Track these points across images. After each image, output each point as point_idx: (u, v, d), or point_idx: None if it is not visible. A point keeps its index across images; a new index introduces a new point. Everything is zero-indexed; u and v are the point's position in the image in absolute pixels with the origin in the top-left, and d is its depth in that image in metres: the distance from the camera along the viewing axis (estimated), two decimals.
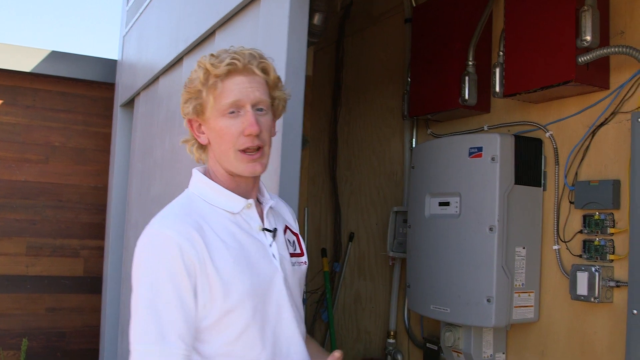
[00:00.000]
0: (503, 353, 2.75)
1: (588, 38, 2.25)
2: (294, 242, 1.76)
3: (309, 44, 3.18)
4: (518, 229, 2.55)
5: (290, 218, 1.85)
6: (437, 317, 2.75)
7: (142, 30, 4.49)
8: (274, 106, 1.70)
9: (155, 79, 4.06)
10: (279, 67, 2.26)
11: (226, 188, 1.63)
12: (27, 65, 5.12)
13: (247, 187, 1.65)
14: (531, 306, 2.58)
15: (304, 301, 4.06)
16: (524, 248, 2.56)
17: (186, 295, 1.46)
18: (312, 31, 3.11)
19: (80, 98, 5.41)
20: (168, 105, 3.69)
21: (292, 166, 2.28)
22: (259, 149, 1.59)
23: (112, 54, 5.45)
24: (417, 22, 3.17)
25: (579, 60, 2.28)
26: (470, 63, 2.81)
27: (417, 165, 2.92)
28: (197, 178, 1.66)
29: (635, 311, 2.12)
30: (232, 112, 1.57)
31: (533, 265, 2.59)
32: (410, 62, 3.22)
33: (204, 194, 1.63)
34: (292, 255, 1.70)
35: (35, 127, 5.28)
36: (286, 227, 1.76)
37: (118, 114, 5.11)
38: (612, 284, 2.30)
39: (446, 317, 2.68)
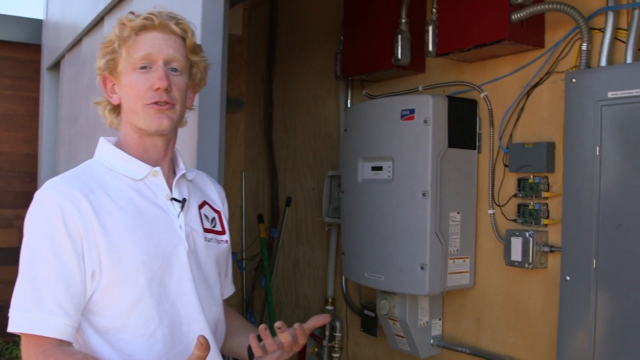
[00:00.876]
0: (439, 319, 2.70)
1: None
2: (213, 219, 1.67)
3: (237, 1, 3.02)
4: (452, 194, 2.47)
5: (214, 196, 1.75)
6: (371, 285, 2.68)
7: None
8: (192, 73, 1.64)
9: (79, 40, 3.84)
10: (195, 26, 2.11)
11: (135, 154, 1.56)
12: None
13: (157, 154, 1.57)
14: (466, 272, 2.53)
15: (243, 269, 3.98)
16: (458, 213, 2.49)
17: (68, 260, 1.38)
18: None
19: (7, 61, 5.12)
20: (92, 68, 3.47)
21: (212, 135, 2.13)
22: (169, 104, 1.52)
23: (39, 14, 5.14)
24: None
25: (512, 17, 2.18)
26: (404, 21, 2.69)
27: (349, 129, 2.81)
28: (102, 145, 1.59)
29: (568, 277, 2.06)
30: (144, 68, 1.51)
31: (468, 231, 2.52)
32: (342, 20, 3.08)
33: (107, 161, 1.56)
34: (208, 230, 1.62)
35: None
36: (204, 202, 1.67)
37: (45, 77, 4.86)
38: (547, 249, 2.25)
39: (380, 285, 2.61)
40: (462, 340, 2.61)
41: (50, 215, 1.39)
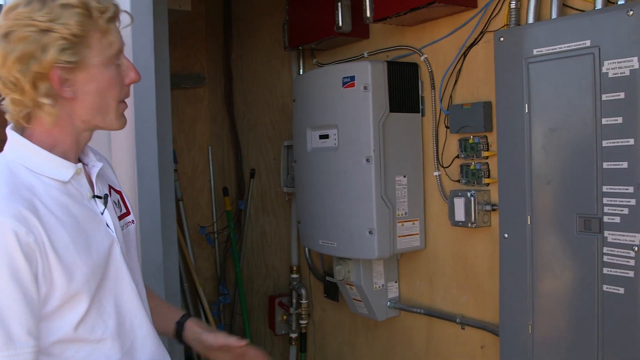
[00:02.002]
0: (395, 282, 2.74)
1: None
2: (118, 201, 1.59)
3: None
4: (397, 158, 2.49)
5: (110, 173, 1.65)
6: (325, 252, 2.72)
7: None
8: None
9: None
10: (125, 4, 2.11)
11: (64, 153, 1.40)
12: None
13: (79, 150, 1.45)
14: (416, 234, 2.56)
15: (211, 242, 4.02)
16: (404, 177, 2.51)
17: (29, 287, 1.26)
18: None
19: None
20: None
21: (148, 116, 2.14)
22: None
23: None
24: None
25: None
26: None
27: (297, 99, 2.82)
28: (16, 141, 1.38)
29: (506, 235, 2.10)
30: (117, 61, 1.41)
31: (415, 194, 2.55)
32: None
33: (26, 161, 1.36)
34: (120, 217, 1.55)
35: None
36: (110, 187, 1.57)
37: None
38: (488, 207, 2.28)
39: (334, 252, 2.65)
40: (418, 302, 2.66)
41: (8, 246, 1.24)
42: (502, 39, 2.06)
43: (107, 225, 1.45)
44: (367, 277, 2.65)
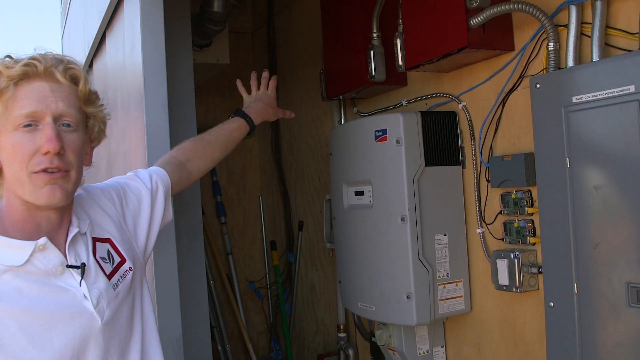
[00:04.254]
0: (442, 346, 2.53)
1: None
2: (108, 252, 1.44)
3: (213, 32, 2.98)
4: (436, 215, 2.30)
5: (101, 212, 1.50)
6: (365, 315, 2.55)
7: (69, 31, 4.30)
8: (89, 127, 1.41)
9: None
10: (136, 65, 2.06)
11: (21, 227, 1.31)
12: None
13: (50, 227, 1.34)
14: (460, 297, 2.35)
15: (261, 297, 3.90)
16: (445, 235, 2.32)
17: None
18: (213, 19, 2.87)
19: None
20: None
21: None
22: (62, 171, 1.29)
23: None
24: None
25: (471, 23, 2.00)
26: (375, 35, 2.55)
27: (333, 152, 2.68)
28: None
29: (552, 304, 1.87)
30: (29, 126, 1.27)
31: (458, 253, 2.35)
32: (323, 39, 2.95)
33: None
34: (111, 274, 1.41)
35: None
36: (94, 241, 1.43)
37: None
38: (535, 270, 2.06)
39: (372, 316, 2.47)
40: None
41: None
42: (538, 85, 1.87)
43: (85, 296, 1.32)
44: (409, 342, 2.45)
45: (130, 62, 2.22)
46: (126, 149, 2.32)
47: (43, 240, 1.31)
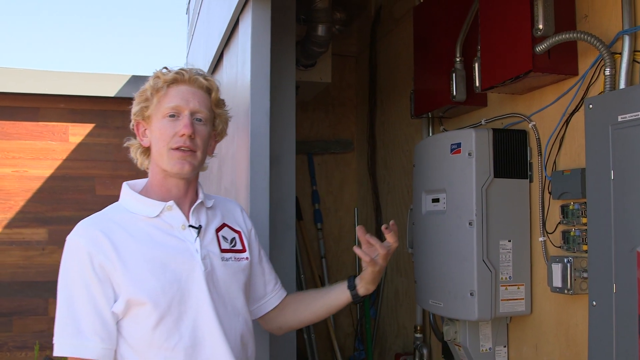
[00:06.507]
0: (504, 346, 2.74)
1: (540, 27, 2.22)
2: (233, 239, 1.89)
3: (317, 54, 3.34)
4: (501, 222, 2.54)
5: (239, 218, 1.97)
6: (434, 311, 2.80)
7: (194, 50, 4.81)
8: (215, 124, 1.88)
9: None
10: (246, 79, 2.44)
11: (158, 192, 1.78)
12: (112, 90, 5.59)
13: (178, 193, 1.80)
14: (521, 299, 2.56)
15: None
16: (509, 241, 2.55)
17: (98, 295, 1.63)
18: (317, 42, 3.25)
19: None
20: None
21: (261, 178, 2.40)
22: (191, 151, 1.75)
23: None
24: (417, 21, 3.21)
25: (537, 49, 2.25)
26: (458, 59, 2.82)
27: (416, 164, 2.97)
28: (124, 190, 1.83)
29: (594, 303, 2.07)
30: (172, 116, 1.74)
31: (521, 258, 2.57)
32: (414, 62, 3.27)
33: (127, 204, 1.78)
34: (226, 250, 1.84)
35: (125, 146, 5.74)
36: (223, 225, 1.89)
37: None
38: (585, 275, 2.25)
39: (440, 311, 2.72)
40: None
41: (80, 258, 1.64)
42: (591, 106, 2.09)
43: (197, 250, 1.75)
44: (473, 339, 2.69)
45: (241, 77, 2.61)
46: (234, 151, 2.71)
47: (170, 202, 1.78)
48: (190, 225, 1.79)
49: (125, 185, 1.83)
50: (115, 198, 1.83)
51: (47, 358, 4.83)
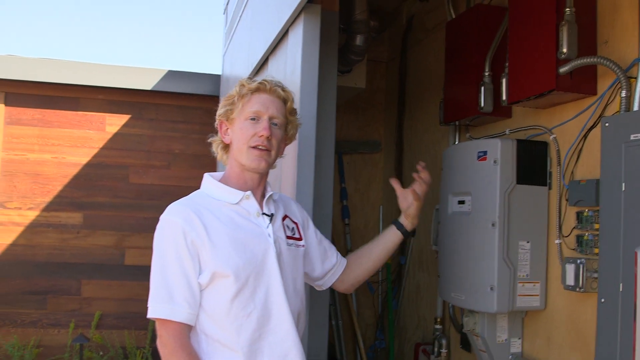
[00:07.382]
0: (519, 338, 2.99)
1: (565, 50, 2.48)
2: (293, 228, 2.19)
3: (354, 62, 3.60)
4: (521, 225, 2.79)
5: (295, 210, 2.28)
6: (456, 304, 3.06)
7: (232, 50, 5.08)
8: (287, 129, 2.18)
9: None
10: (295, 84, 2.71)
11: (235, 183, 2.07)
12: (148, 84, 5.87)
13: (253, 184, 2.09)
14: (537, 295, 2.82)
15: (372, 290, 4.47)
16: (527, 242, 2.81)
17: (188, 267, 1.91)
18: (355, 51, 3.51)
19: (195, 110, 6.07)
20: None
21: (307, 173, 2.67)
22: (267, 150, 2.04)
23: (218, 70, 6.11)
24: (449, 35, 3.46)
25: (560, 70, 2.50)
26: (487, 74, 3.07)
27: (444, 168, 3.23)
28: (206, 179, 2.12)
29: (603, 299, 2.33)
30: (253, 119, 2.04)
31: (538, 258, 2.82)
32: (445, 73, 3.52)
33: (210, 191, 2.07)
34: (289, 237, 2.14)
35: (158, 137, 5.97)
36: (286, 216, 2.18)
37: None
38: (596, 275, 2.50)
39: (462, 303, 2.98)
40: (536, 358, 2.89)
41: (175, 235, 1.91)
42: (607, 124, 2.34)
43: (269, 235, 2.05)
44: (490, 330, 2.94)
45: (290, 81, 2.87)
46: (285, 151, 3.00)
47: (248, 192, 2.07)
48: (264, 213, 2.08)
49: (207, 176, 2.12)
50: (147, 186, 2.15)
51: (81, 335, 5.11)
